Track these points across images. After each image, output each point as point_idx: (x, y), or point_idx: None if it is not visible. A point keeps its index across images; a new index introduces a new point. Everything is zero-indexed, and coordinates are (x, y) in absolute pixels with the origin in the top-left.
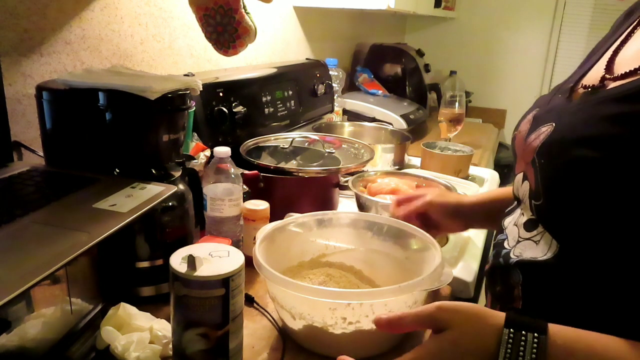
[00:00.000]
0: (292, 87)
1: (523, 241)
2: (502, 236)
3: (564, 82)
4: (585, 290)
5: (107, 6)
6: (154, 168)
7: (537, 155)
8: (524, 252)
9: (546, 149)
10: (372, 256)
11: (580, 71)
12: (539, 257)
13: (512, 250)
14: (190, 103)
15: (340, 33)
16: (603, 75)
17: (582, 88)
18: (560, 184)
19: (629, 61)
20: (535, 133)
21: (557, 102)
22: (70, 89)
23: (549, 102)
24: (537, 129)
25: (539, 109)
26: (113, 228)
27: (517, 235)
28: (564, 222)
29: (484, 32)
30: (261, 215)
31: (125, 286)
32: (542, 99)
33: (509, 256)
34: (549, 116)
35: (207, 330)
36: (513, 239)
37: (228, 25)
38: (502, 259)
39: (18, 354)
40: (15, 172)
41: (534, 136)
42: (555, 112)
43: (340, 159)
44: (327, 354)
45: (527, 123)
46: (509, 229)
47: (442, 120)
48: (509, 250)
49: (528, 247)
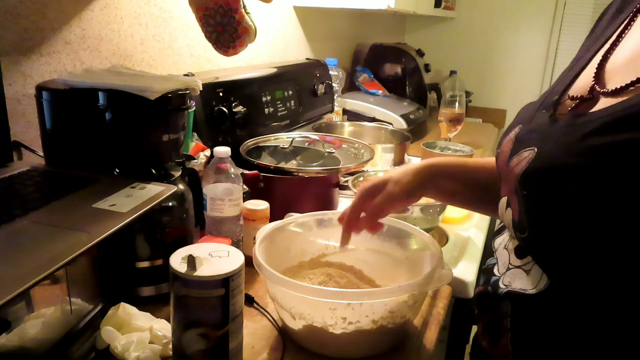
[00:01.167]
0: (292, 87)
1: (513, 269)
2: (492, 260)
3: (550, 93)
4: (576, 323)
5: (107, 6)
6: (154, 168)
7: (520, 184)
8: (513, 281)
9: (528, 179)
10: (372, 256)
11: (566, 79)
12: (529, 289)
13: (502, 278)
14: (190, 103)
15: (340, 33)
16: (592, 85)
17: (569, 99)
18: (545, 218)
19: (621, 69)
20: (517, 157)
21: (541, 121)
22: (70, 89)
23: (532, 118)
24: (518, 152)
25: (522, 127)
26: (113, 228)
27: (508, 262)
28: (552, 255)
29: (484, 32)
30: (261, 215)
31: (125, 286)
32: (526, 112)
33: (498, 285)
34: (531, 138)
35: (207, 330)
36: (503, 264)
37: (228, 25)
38: (491, 287)
39: (18, 354)
40: (15, 172)
41: (515, 160)
42: (538, 135)
43: (340, 159)
44: (327, 354)
45: (510, 142)
46: (499, 251)
47: (442, 120)
48: (499, 277)
49: (518, 277)
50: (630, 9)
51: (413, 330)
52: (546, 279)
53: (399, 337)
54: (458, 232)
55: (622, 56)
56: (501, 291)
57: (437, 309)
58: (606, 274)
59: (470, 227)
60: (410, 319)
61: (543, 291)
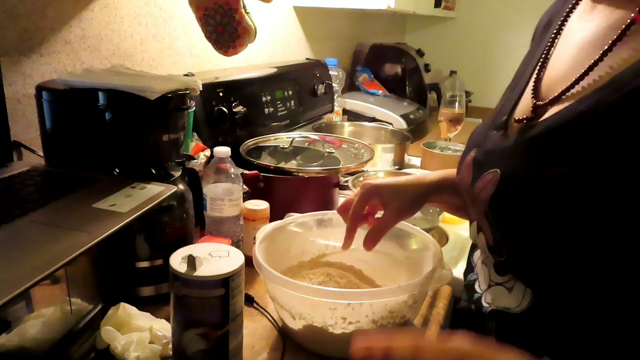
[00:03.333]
0: (292, 87)
1: (495, 286)
2: (473, 276)
3: (498, 113)
4: (561, 339)
5: (107, 6)
6: (154, 168)
7: (490, 209)
8: (496, 300)
9: (497, 203)
10: (372, 256)
11: (510, 99)
12: (513, 307)
13: (484, 295)
14: (190, 103)
15: (340, 33)
16: (534, 103)
17: (515, 122)
18: (521, 239)
19: (557, 82)
20: (481, 182)
21: (495, 141)
22: (70, 89)
23: (486, 140)
24: (481, 176)
25: (477, 150)
26: (113, 228)
27: (489, 278)
28: (533, 273)
29: (484, 32)
30: (261, 215)
31: (125, 286)
32: (478, 134)
33: (481, 303)
34: (489, 160)
35: (207, 330)
36: (484, 281)
37: (228, 25)
38: (474, 305)
39: (18, 354)
40: (15, 172)
41: (480, 185)
42: (496, 155)
43: (340, 159)
44: (327, 354)
45: (469, 167)
46: (478, 267)
47: (442, 120)
48: (481, 295)
49: (500, 295)
50: (559, 20)
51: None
52: (529, 297)
53: None
54: (458, 232)
55: (556, 68)
56: (485, 309)
57: (437, 309)
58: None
59: None
60: (410, 319)
61: (527, 310)
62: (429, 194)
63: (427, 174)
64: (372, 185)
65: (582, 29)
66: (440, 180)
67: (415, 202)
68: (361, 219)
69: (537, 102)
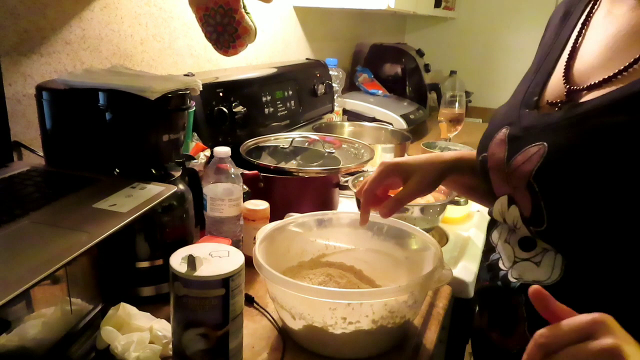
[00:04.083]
0: (292, 87)
1: (521, 262)
2: (495, 255)
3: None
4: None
5: (107, 6)
6: (154, 168)
7: (535, 180)
8: (524, 274)
9: (544, 173)
10: (372, 256)
11: (537, 80)
12: (544, 280)
13: (510, 271)
14: (190, 103)
15: (340, 33)
16: (569, 88)
17: (548, 105)
18: (570, 208)
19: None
20: (522, 155)
21: (533, 118)
22: (70, 89)
23: (519, 118)
24: (521, 150)
25: (510, 127)
26: (113, 228)
27: (513, 255)
28: (572, 242)
29: (484, 32)
30: (261, 215)
31: (125, 286)
32: (505, 114)
33: (508, 279)
34: (530, 135)
35: (207, 330)
36: (508, 258)
37: (228, 25)
38: (501, 282)
39: (18, 354)
40: (15, 172)
41: (520, 159)
42: (538, 130)
43: (340, 159)
44: (327, 354)
45: (502, 144)
46: (500, 246)
47: (442, 120)
48: (506, 271)
49: (528, 269)
50: (577, 14)
51: (413, 330)
52: (559, 269)
53: (399, 337)
54: (458, 232)
55: (587, 60)
56: (514, 284)
57: (437, 309)
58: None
59: (470, 227)
60: (410, 319)
61: (558, 282)
62: (446, 172)
63: (444, 153)
64: (391, 163)
65: (612, 22)
66: (457, 160)
67: (433, 179)
68: (377, 199)
69: (571, 87)
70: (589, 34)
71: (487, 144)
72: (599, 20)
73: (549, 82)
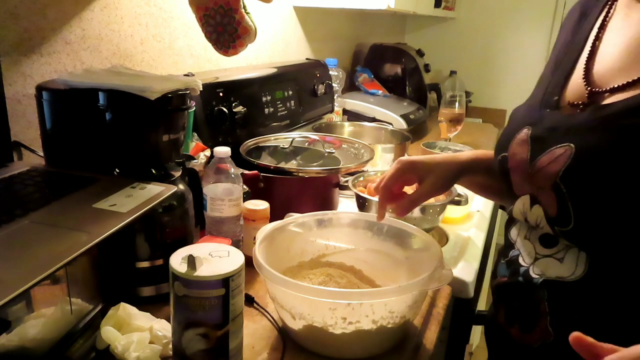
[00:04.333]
0: (292, 87)
1: (542, 258)
2: (515, 252)
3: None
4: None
5: (107, 6)
6: (154, 168)
7: (563, 181)
8: (546, 270)
9: (572, 174)
10: (372, 256)
11: (555, 80)
12: (567, 276)
13: (531, 267)
14: (190, 103)
15: (340, 33)
16: (589, 90)
17: (569, 106)
18: (598, 208)
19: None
20: (547, 156)
21: (556, 119)
22: (70, 89)
23: (542, 119)
24: (546, 151)
25: (532, 127)
26: (113, 228)
27: (534, 252)
28: (600, 240)
29: (484, 32)
30: (261, 215)
31: (125, 286)
32: (525, 114)
33: (530, 275)
34: (555, 136)
35: (207, 330)
36: (528, 255)
37: (228, 25)
38: (522, 277)
39: (18, 354)
40: (15, 172)
41: (545, 159)
42: (563, 131)
43: (340, 159)
44: (327, 354)
45: (524, 145)
46: (519, 243)
47: (442, 120)
48: (527, 267)
49: (551, 266)
50: (594, 16)
51: (413, 330)
52: (583, 266)
53: (399, 337)
54: (458, 232)
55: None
56: (536, 280)
57: (437, 309)
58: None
59: (470, 227)
60: (410, 319)
61: (582, 278)
62: (462, 172)
63: (460, 153)
64: (408, 161)
65: (631, 26)
66: (473, 160)
67: (448, 179)
68: (392, 196)
69: (592, 89)
70: (607, 36)
71: (507, 144)
72: (617, 24)
73: (568, 83)
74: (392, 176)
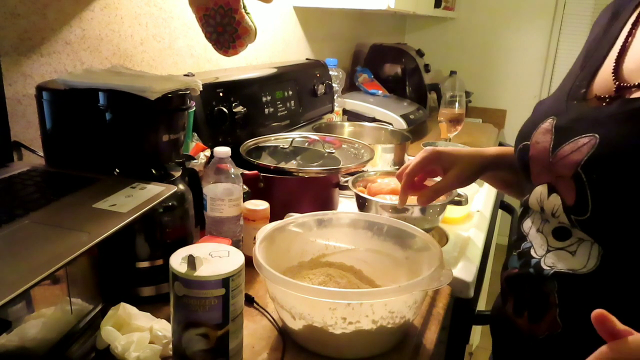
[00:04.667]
0: (292, 87)
1: (555, 251)
2: (527, 244)
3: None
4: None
5: (107, 6)
6: (154, 168)
7: (584, 169)
8: (557, 262)
9: (595, 164)
10: (372, 256)
11: (584, 74)
12: (579, 269)
13: (543, 259)
14: (190, 103)
15: (340, 33)
16: (617, 84)
17: (596, 99)
18: (616, 198)
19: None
20: (570, 145)
21: (582, 111)
22: (70, 89)
23: (567, 109)
24: (570, 140)
25: (557, 118)
26: (113, 228)
27: (546, 244)
28: (615, 231)
29: (484, 32)
30: (261, 215)
31: (125, 286)
32: (551, 105)
33: (541, 266)
34: (580, 126)
35: (207, 330)
36: (541, 247)
37: (228, 26)
38: (533, 269)
39: (18, 354)
40: (15, 172)
41: (568, 149)
42: (589, 122)
43: (340, 159)
44: (327, 354)
45: (547, 134)
46: (531, 235)
47: (442, 120)
48: (539, 259)
49: (562, 258)
50: (627, 14)
51: (413, 330)
52: (595, 259)
53: (399, 337)
54: (458, 232)
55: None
56: (547, 272)
57: (437, 309)
58: None
59: (470, 227)
60: (410, 319)
61: (594, 270)
62: (487, 167)
63: (486, 148)
64: (434, 151)
65: None
66: (498, 156)
67: (473, 172)
68: (414, 184)
69: (620, 83)
70: (639, 33)
71: (530, 133)
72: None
73: (596, 77)
74: (418, 164)
